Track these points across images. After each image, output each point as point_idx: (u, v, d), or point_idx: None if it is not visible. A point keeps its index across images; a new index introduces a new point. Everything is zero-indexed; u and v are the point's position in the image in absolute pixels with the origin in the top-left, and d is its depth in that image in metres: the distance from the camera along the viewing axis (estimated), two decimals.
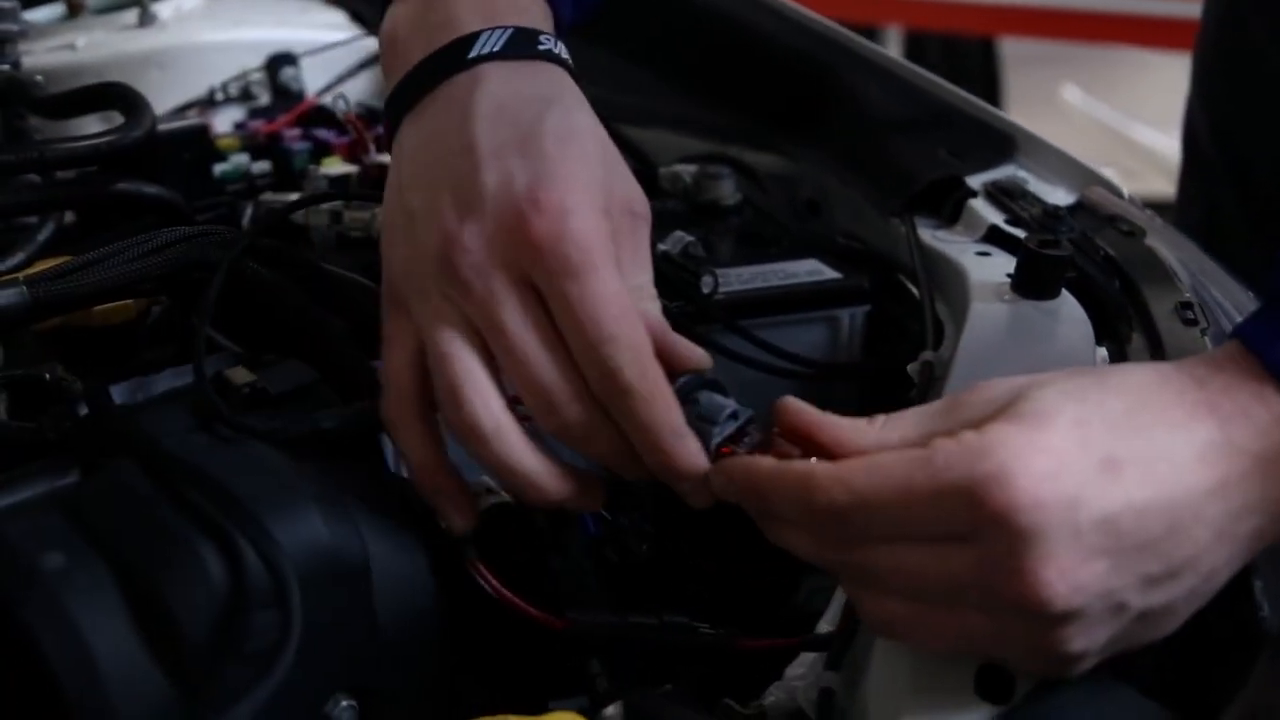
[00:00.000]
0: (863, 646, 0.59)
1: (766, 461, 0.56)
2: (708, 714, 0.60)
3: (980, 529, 0.51)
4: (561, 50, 0.67)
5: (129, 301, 0.73)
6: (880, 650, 0.57)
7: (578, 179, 0.60)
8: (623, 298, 0.59)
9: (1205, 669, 0.60)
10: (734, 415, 0.60)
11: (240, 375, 0.63)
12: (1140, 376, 0.56)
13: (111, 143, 0.77)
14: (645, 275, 0.63)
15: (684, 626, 0.63)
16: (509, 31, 0.65)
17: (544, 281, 0.59)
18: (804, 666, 0.62)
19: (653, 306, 0.62)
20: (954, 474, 0.51)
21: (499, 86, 0.63)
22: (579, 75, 0.68)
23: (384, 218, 0.65)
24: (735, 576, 0.72)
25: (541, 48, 0.66)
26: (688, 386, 0.61)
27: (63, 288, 0.64)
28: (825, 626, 0.65)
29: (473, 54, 0.64)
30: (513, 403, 0.60)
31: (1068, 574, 0.51)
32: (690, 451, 0.59)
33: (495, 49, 0.64)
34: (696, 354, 0.62)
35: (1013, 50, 3.56)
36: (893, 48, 3.25)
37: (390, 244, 0.64)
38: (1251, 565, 0.60)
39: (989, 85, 3.35)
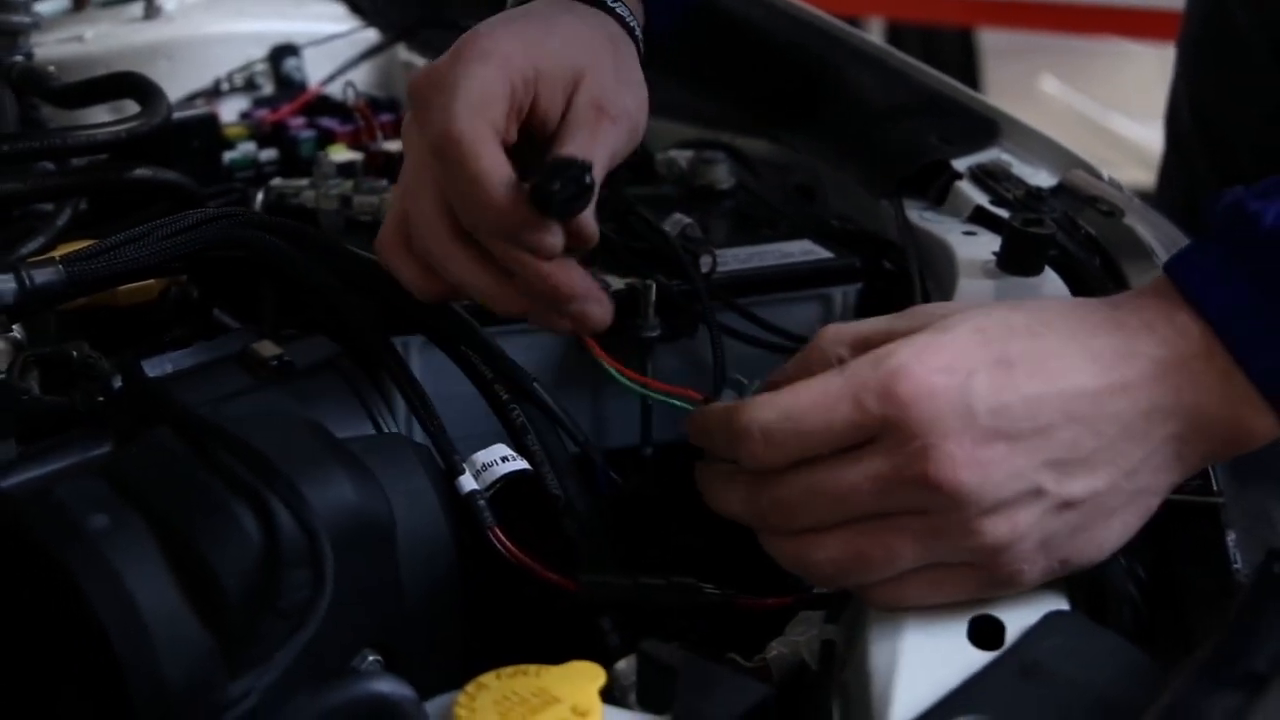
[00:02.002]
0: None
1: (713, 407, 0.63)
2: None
3: (888, 424, 0.56)
4: (620, 6, 0.74)
5: (151, 282, 0.76)
6: None
7: (515, 42, 0.66)
8: (483, 103, 0.64)
9: (1183, 621, 0.63)
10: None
11: (267, 349, 0.66)
12: (1055, 301, 0.62)
13: (132, 129, 0.79)
14: (591, 154, 0.65)
15: (689, 587, 0.66)
16: None
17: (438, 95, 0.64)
18: (804, 623, 0.66)
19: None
20: (862, 376, 0.57)
21: (538, 4, 0.72)
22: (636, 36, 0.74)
23: None
24: (736, 539, 0.75)
25: None
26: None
27: (97, 267, 0.66)
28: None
29: None
30: None
31: (967, 451, 0.56)
32: (509, 192, 0.62)
33: None
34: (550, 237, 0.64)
35: (991, 41, 3.59)
36: (873, 38, 3.27)
37: None
38: (1224, 520, 0.64)
39: (967, 76, 3.39)
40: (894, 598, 0.59)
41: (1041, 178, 0.93)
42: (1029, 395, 0.57)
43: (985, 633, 0.58)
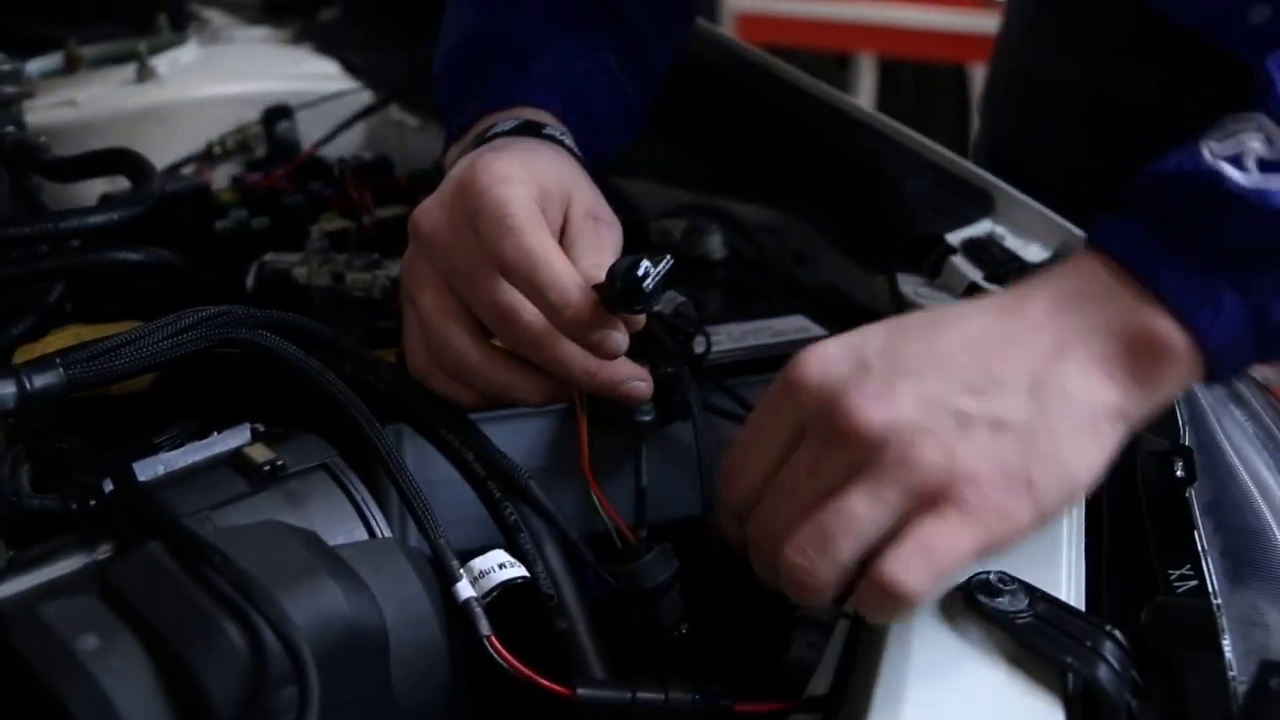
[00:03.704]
0: (857, 704, 0.62)
1: None
2: None
3: (800, 406, 0.61)
4: (566, 138, 0.81)
5: None
6: (877, 710, 0.60)
7: (521, 168, 0.73)
8: (533, 216, 0.70)
9: None
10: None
11: (260, 453, 0.65)
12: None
13: (124, 215, 0.79)
14: (600, 258, 0.73)
15: (685, 698, 0.65)
16: (520, 121, 0.82)
17: (473, 217, 0.70)
18: None
19: (596, 270, 0.71)
20: (775, 381, 0.64)
21: (502, 142, 0.80)
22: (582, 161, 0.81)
23: None
24: (729, 635, 0.75)
25: (545, 131, 0.81)
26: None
27: (97, 368, 0.66)
28: (821, 680, 0.68)
29: (491, 133, 0.82)
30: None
31: (870, 395, 0.59)
32: (585, 295, 0.68)
33: (507, 129, 0.81)
34: (619, 335, 0.70)
35: (984, 76, 3.59)
36: (866, 75, 3.28)
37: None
38: (1220, 625, 0.64)
39: (960, 111, 3.39)
40: (896, 580, 0.58)
41: (1034, 251, 0.94)
42: (923, 343, 0.62)
43: None
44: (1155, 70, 0.80)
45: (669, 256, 0.67)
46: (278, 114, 1.18)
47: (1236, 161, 0.62)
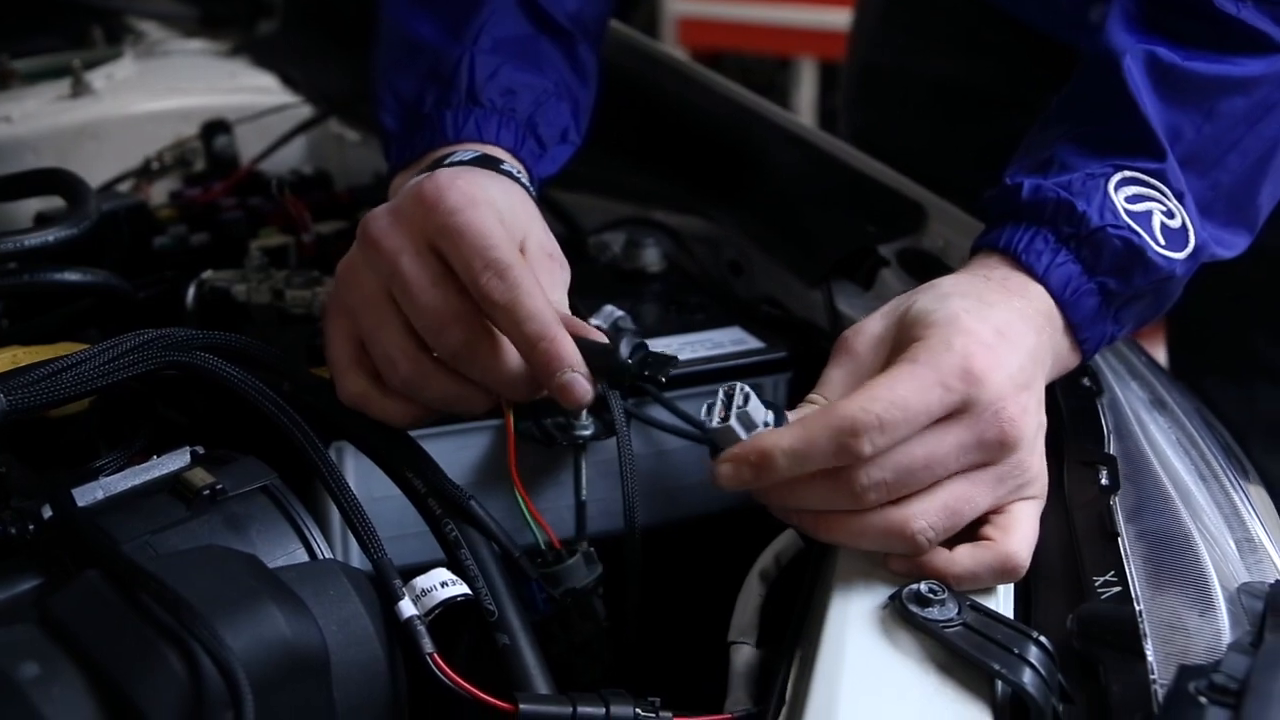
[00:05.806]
0: (793, 715, 0.64)
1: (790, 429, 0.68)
2: None
3: (968, 398, 0.67)
4: (522, 176, 0.81)
5: None
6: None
7: (483, 192, 0.73)
8: (514, 248, 0.70)
9: None
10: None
11: (199, 477, 0.66)
12: (966, 280, 0.75)
13: (60, 237, 0.79)
14: (555, 295, 0.74)
15: (623, 703, 0.66)
16: (478, 154, 0.82)
17: (437, 236, 0.70)
18: None
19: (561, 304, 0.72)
20: (942, 362, 0.67)
21: (459, 169, 0.78)
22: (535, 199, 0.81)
23: None
24: (670, 650, 0.77)
25: (503, 167, 0.81)
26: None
27: (38, 392, 0.66)
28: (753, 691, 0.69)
29: (448, 161, 0.81)
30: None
31: (1023, 411, 0.69)
32: (563, 336, 0.68)
33: (465, 160, 0.81)
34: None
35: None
36: (807, 75, 3.31)
37: None
38: (1142, 630, 0.66)
39: None
40: (1019, 557, 0.68)
41: None
42: (1019, 349, 0.70)
43: None
44: (1002, 63, 0.84)
45: (676, 357, 0.72)
46: (216, 129, 1.17)
47: (1147, 225, 0.75)
